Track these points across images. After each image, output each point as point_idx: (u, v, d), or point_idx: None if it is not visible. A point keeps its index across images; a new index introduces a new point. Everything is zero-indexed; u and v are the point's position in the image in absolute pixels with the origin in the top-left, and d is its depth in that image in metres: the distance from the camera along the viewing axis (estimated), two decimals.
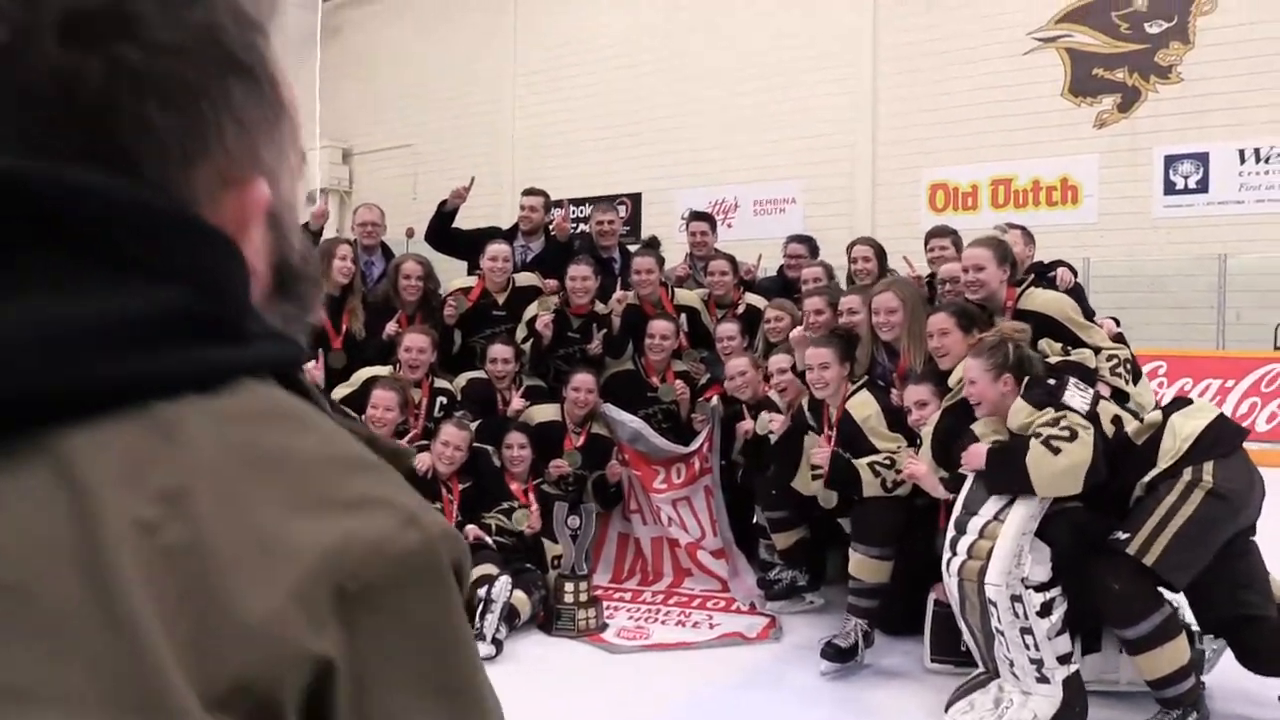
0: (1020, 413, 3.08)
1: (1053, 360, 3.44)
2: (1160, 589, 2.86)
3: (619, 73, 14.36)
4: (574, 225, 7.08)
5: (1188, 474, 2.90)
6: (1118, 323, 3.91)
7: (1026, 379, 3.19)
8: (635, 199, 14.20)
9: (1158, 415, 3.10)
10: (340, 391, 4.39)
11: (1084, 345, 3.51)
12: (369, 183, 17.41)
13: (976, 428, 3.22)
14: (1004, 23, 11.35)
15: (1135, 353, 3.79)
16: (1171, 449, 2.97)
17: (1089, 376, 3.36)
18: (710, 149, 13.47)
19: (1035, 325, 3.48)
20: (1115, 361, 3.51)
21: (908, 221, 11.26)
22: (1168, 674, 2.82)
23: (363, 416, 4.18)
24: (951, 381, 3.46)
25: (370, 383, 4.28)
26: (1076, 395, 3.09)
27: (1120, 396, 3.42)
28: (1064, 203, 11.15)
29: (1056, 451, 2.88)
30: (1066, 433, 2.90)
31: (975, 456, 3.09)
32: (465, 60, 16.25)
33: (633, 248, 5.71)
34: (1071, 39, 11.08)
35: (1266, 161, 10.05)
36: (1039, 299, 3.66)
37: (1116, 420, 3.09)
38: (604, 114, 14.48)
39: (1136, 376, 3.68)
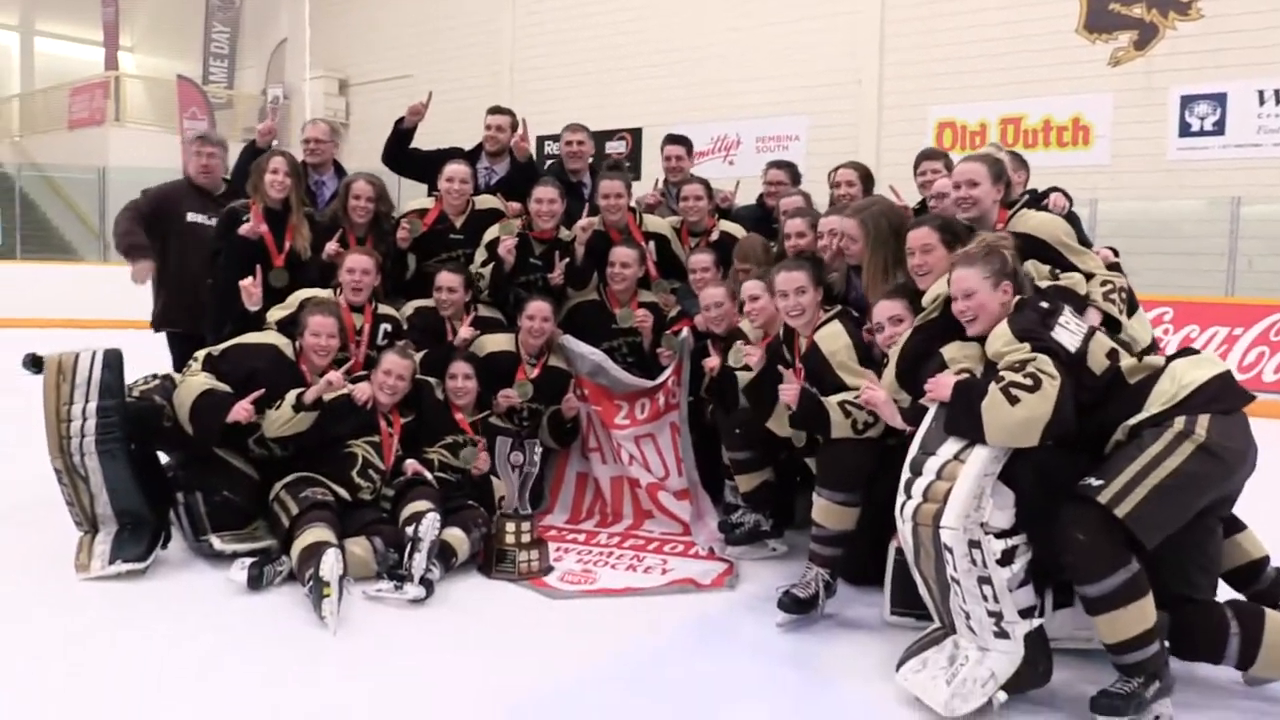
0: (999, 339, 2.76)
1: (1041, 285, 3.13)
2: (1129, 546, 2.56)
3: (620, 3, 13.91)
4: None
5: (1179, 423, 2.57)
6: (1115, 253, 3.60)
7: (1018, 298, 2.87)
8: (636, 134, 13.84)
9: (1159, 359, 2.77)
10: (276, 314, 4.11)
11: (1075, 270, 3.20)
12: (366, 114, 17.05)
13: (947, 351, 2.92)
14: None
15: (1140, 299, 3.48)
16: (1167, 393, 2.64)
17: (1079, 304, 3.05)
18: (713, 83, 13.12)
19: (1024, 248, 3.16)
20: (1110, 287, 3.19)
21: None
22: (1130, 638, 2.53)
23: (298, 342, 3.92)
24: (926, 300, 3.16)
25: (305, 306, 4.00)
26: (1070, 326, 2.76)
27: (1112, 325, 3.12)
28: (1075, 143, 10.78)
29: (1014, 401, 2.57)
30: (1029, 381, 2.58)
31: (942, 387, 2.78)
32: None
33: None
34: None
35: None
36: (1031, 220, 3.35)
37: (1112, 354, 2.76)
38: (605, 47, 14.12)
39: (1132, 309, 3.37)
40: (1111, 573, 2.51)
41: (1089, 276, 3.22)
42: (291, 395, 3.72)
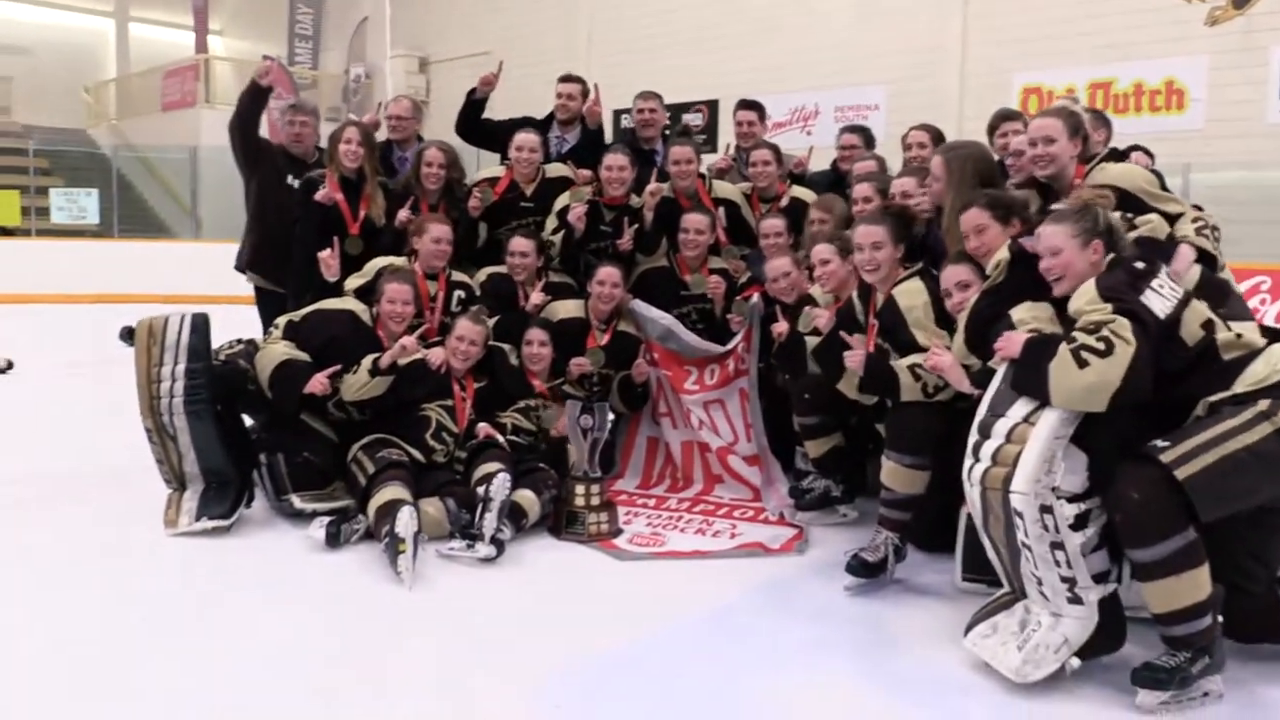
0: (1083, 296, 2.65)
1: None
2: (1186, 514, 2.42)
3: None
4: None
5: (1263, 404, 2.45)
6: (1200, 210, 3.47)
7: (1111, 256, 2.75)
8: (712, 106, 13.74)
9: (1259, 340, 2.64)
10: (353, 282, 4.21)
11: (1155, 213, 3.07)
12: (447, 91, 17.23)
13: (1016, 313, 2.84)
14: None
15: (1236, 267, 3.34)
16: (1259, 375, 2.51)
17: (1165, 250, 2.92)
18: (791, 53, 12.94)
19: None
20: (1202, 223, 3.06)
21: None
22: (1179, 609, 2.42)
23: (374, 309, 4.01)
24: (990, 266, 3.10)
25: (382, 274, 4.08)
26: (1164, 290, 2.61)
27: (1208, 260, 2.99)
28: (1168, 108, 10.36)
29: (1083, 364, 2.47)
30: (1101, 345, 2.47)
31: (1012, 344, 2.70)
32: None
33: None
34: None
35: None
36: (1110, 171, 3.23)
37: (1207, 325, 2.62)
38: (681, 19, 14.06)
39: None
40: (1163, 538, 2.39)
41: (1176, 218, 3.08)
42: (368, 360, 3.81)
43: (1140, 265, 2.68)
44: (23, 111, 19.98)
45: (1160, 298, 2.59)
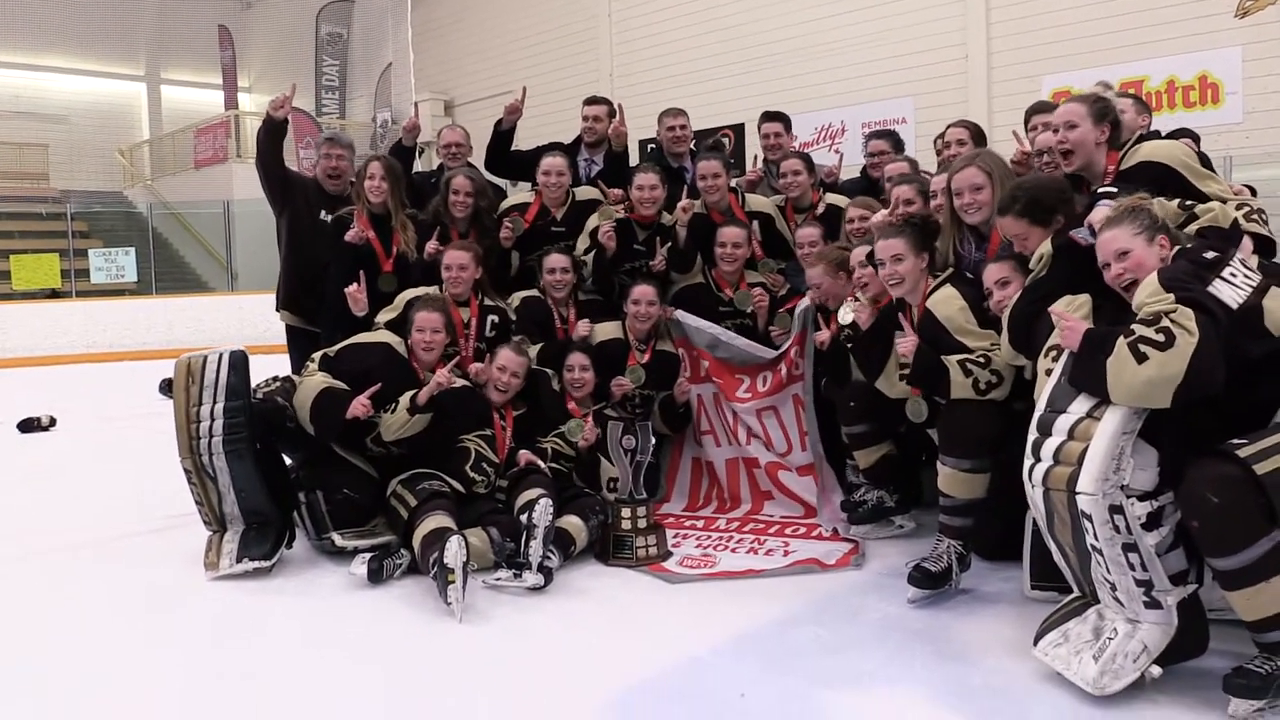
0: (1145, 289, 2.47)
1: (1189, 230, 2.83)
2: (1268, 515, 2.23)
3: (714, 3, 13.85)
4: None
5: None
6: (1254, 191, 3.30)
7: (1176, 248, 2.60)
8: (738, 130, 13.69)
9: None
10: (384, 316, 4.16)
11: (1204, 198, 2.90)
12: (473, 131, 17.20)
13: (1058, 307, 2.70)
14: None
15: None
16: None
17: (1232, 236, 2.74)
18: (813, 73, 12.90)
19: (1146, 180, 2.92)
20: (1248, 209, 2.87)
21: None
22: (1273, 614, 2.25)
23: (408, 341, 3.94)
24: (1033, 261, 2.97)
25: (412, 305, 4.02)
26: (1238, 280, 2.43)
27: (1267, 246, 2.81)
28: (1203, 103, 10.16)
29: (1141, 359, 2.29)
30: (1161, 336, 2.29)
31: (1072, 334, 2.54)
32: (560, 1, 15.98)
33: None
34: None
35: None
36: (1146, 148, 3.07)
37: None
38: (702, 46, 14.09)
39: None
40: (1248, 543, 2.21)
41: (1222, 202, 2.90)
42: (405, 398, 3.73)
43: (1208, 255, 2.52)
44: (60, 177, 20.37)
45: (1232, 286, 2.42)
